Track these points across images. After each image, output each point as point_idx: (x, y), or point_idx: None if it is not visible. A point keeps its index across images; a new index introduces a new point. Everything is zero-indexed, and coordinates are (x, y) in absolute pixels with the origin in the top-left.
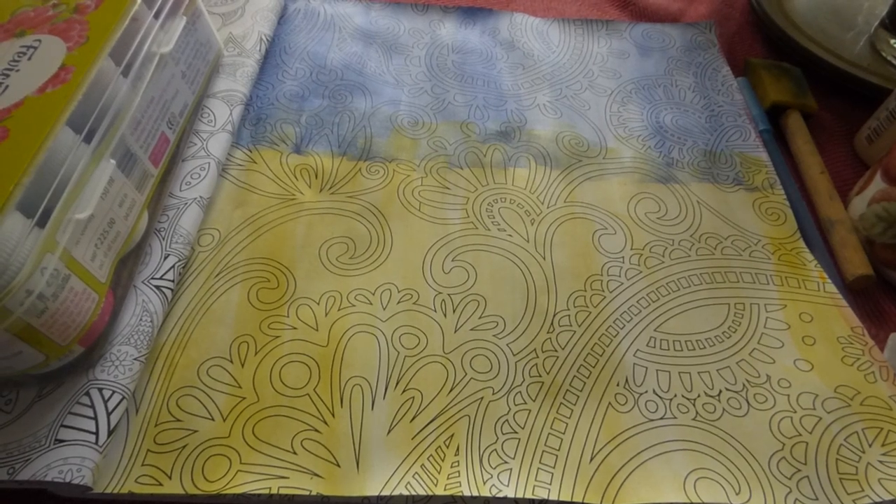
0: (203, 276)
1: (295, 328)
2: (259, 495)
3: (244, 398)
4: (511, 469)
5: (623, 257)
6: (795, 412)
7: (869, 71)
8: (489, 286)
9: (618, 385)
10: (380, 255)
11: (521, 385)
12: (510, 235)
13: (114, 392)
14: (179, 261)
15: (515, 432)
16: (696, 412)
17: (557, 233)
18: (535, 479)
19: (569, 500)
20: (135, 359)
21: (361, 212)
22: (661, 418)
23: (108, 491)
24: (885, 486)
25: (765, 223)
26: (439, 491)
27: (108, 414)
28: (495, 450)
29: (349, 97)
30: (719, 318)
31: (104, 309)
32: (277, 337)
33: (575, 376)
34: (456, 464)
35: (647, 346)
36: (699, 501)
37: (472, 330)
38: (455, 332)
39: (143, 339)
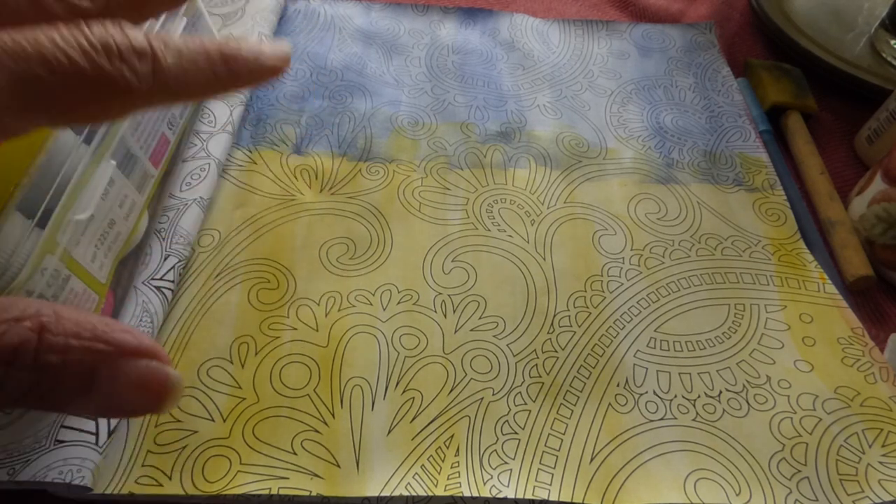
0: (203, 276)
1: (295, 329)
2: (259, 496)
3: (244, 399)
4: (511, 470)
5: (623, 258)
6: (795, 413)
7: (869, 71)
8: (489, 287)
9: (618, 386)
10: (380, 255)
11: (521, 385)
12: (510, 236)
13: None
14: (179, 261)
15: (515, 433)
16: (697, 413)
17: (557, 233)
18: (536, 480)
19: (569, 500)
20: None
21: (361, 212)
22: (662, 419)
23: (108, 491)
24: (885, 487)
25: (765, 224)
26: (439, 491)
27: None
28: (495, 450)
29: (349, 98)
30: (719, 319)
31: (104, 310)
32: (277, 338)
33: (575, 377)
34: (456, 464)
35: (647, 346)
36: (699, 502)
37: (472, 330)
38: (455, 332)
39: None
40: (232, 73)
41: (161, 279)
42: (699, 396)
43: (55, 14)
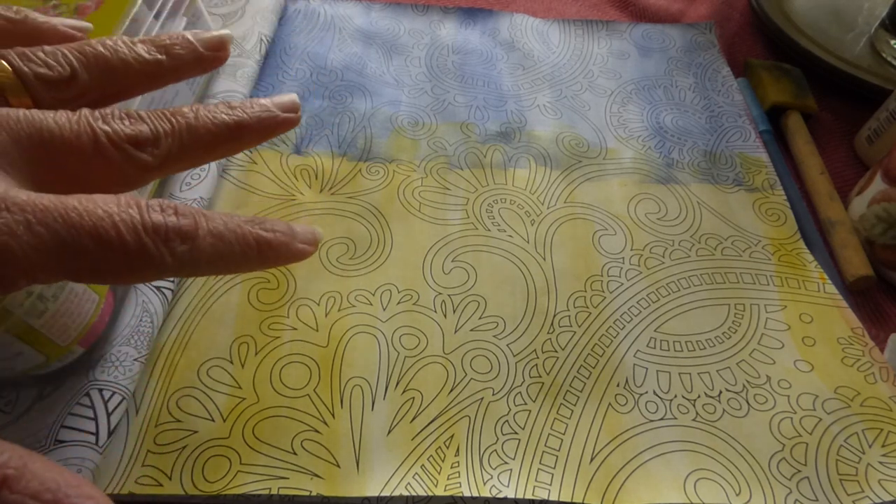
0: (203, 276)
1: (295, 329)
2: (259, 496)
3: (244, 399)
4: (511, 469)
5: (623, 258)
6: (795, 413)
7: (869, 71)
8: (489, 287)
9: (618, 385)
10: (380, 255)
11: (521, 385)
12: (510, 236)
13: (114, 393)
14: None
15: (515, 433)
16: (697, 413)
17: (557, 233)
18: (536, 480)
19: (569, 500)
20: (135, 359)
21: (361, 212)
22: (662, 419)
23: (109, 492)
24: (884, 487)
25: (765, 224)
26: (439, 491)
27: (109, 415)
28: (495, 450)
29: (349, 98)
30: (719, 319)
31: (104, 310)
32: (277, 338)
33: (575, 377)
34: (456, 464)
35: (647, 346)
36: (699, 502)
37: (472, 330)
38: (455, 332)
39: (143, 339)
40: (262, 258)
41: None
42: (699, 396)
43: (115, 163)
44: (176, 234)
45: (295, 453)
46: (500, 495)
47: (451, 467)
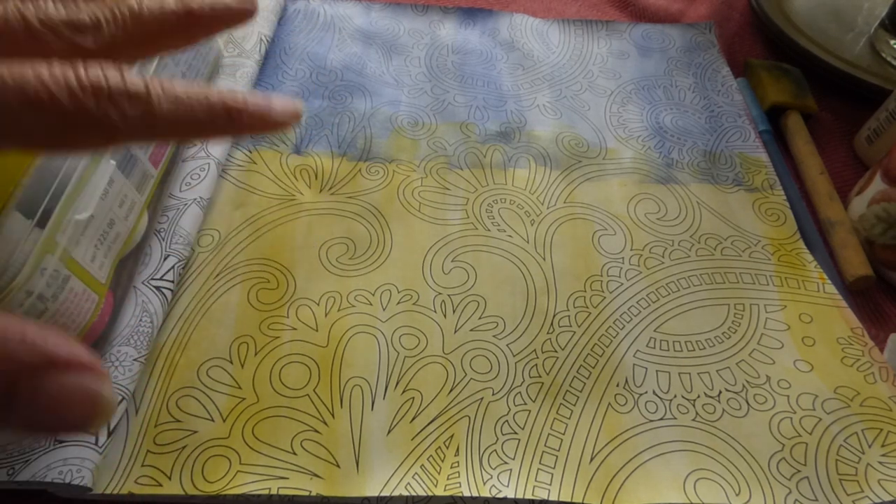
0: (203, 276)
1: (295, 329)
2: (259, 496)
3: (244, 399)
4: (511, 469)
5: (623, 258)
6: (795, 413)
7: (869, 71)
8: (489, 287)
9: (618, 385)
10: (380, 255)
11: (520, 385)
12: (510, 236)
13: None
14: (179, 261)
15: (515, 433)
16: (696, 413)
17: (557, 233)
18: (535, 480)
19: (569, 500)
20: (134, 359)
21: (361, 212)
22: (661, 419)
23: (108, 492)
24: (884, 487)
25: (765, 224)
26: (439, 491)
27: None
28: (495, 450)
29: (349, 98)
30: (719, 319)
31: (104, 310)
32: (277, 338)
33: (575, 377)
34: (456, 464)
35: (646, 346)
36: (699, 502)
37: (471, 330)
38: (455, 332)
39: (143, 339)
40: (231, 121)
41: (161, 279)
42: (699, 396)
43: (53, 50)
44: (121, 93)
45: (295, 453)
46: (500, 495)
47: (451, 467)
